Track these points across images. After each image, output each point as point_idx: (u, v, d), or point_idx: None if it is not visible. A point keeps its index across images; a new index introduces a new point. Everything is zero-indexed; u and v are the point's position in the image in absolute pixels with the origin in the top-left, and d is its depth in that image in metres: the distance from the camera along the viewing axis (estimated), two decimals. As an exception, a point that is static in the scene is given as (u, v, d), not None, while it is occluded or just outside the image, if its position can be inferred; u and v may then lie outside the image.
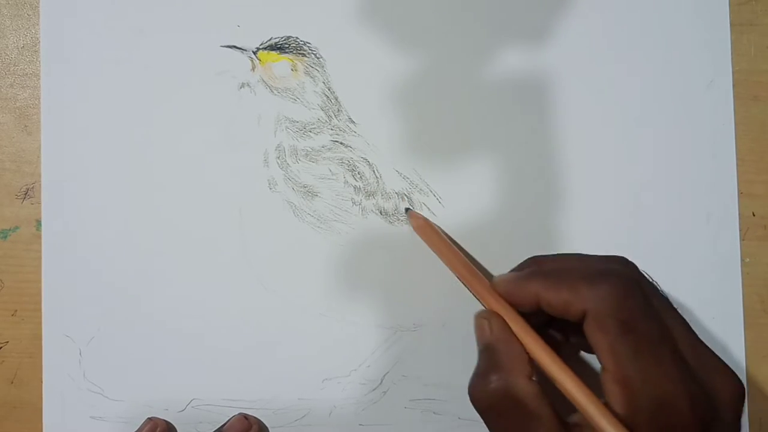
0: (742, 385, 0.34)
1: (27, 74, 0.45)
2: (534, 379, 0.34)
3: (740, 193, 0.45)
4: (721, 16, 0.46)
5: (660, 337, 0.33)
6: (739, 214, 0.45)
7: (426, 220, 0.43)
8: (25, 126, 0.45)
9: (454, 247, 0.42)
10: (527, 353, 0.35)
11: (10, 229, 0.45)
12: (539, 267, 0.38)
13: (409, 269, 0.44)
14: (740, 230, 0.45)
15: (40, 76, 0.45)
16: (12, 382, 0.45)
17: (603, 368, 0.33)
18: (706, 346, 0.35)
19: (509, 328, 0.36)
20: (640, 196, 0.45)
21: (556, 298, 0.34)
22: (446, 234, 0.43)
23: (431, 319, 0.44)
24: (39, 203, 0.44)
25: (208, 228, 0.44)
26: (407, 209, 0.44)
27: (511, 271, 0.39)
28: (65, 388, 0.44)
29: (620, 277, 0.34)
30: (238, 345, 0.44)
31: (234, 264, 0.44)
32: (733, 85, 0.46)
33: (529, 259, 0.39)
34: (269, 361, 0.44)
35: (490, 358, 0.35)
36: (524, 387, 0.34)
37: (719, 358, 0.34)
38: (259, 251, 0.44)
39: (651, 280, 0.36)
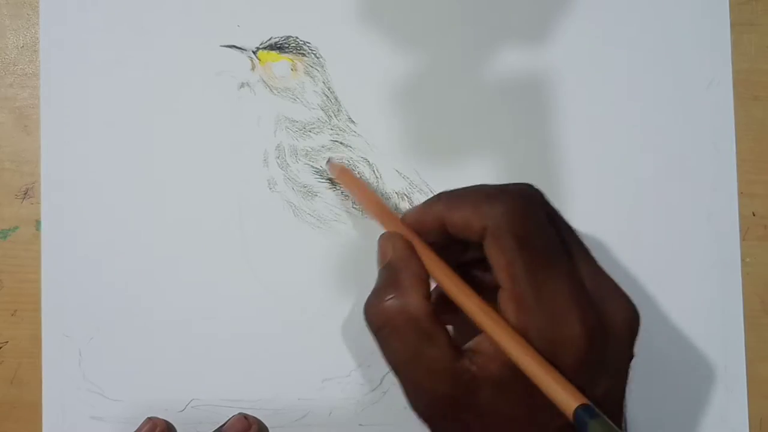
0: (635, 310, 0.34)
1: (26, 74, 0.45)
2: (431, 300, 0.34)
3: (740, 193, 0.45)
4: (722, 15, 0.46)
5: (556, 255, 0.33)
6: (740, 214, 0.45)
7: (344, 166, 0.43)
8: (25, 126, 0.45)
9: (371, 189, 0.42)
10: (426, 274, 0.35)
11: (9, 229, 0.45)
12: (445, 193, 0.37)
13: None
14: (740, 230, 0.45)
15: (39, 75, 0.45)
16: (11, 382, 0.44)
17: (500, 286, 0.33)
18: (605, 273, 0.35)
19: (410, 248, 0.36)
20: (640, 196, 0.45)
21: (457, 216, 0.34)
22: (366, 181, 0.44)
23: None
24: (38, 203, 0.44)
25: (208, 228, 0.44)
26: (328, 160, 0.44)
27: None
28: (65, 388, 0.44)
29: (519, 194, 0.34)
30: (237, 345, 0.44)
31: (234, 264, 0.44)
32: (734, 85, 0.46)
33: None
34: (269, 361, 0.44)
35: (388, 277, 0.35)
36: (419, 306, 0.33)
37: (617, 285, 0.35)
38: (259, 251, 0.44)
39: (554, 207, 0.36)
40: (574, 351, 0.31)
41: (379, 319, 0.34)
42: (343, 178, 0.43)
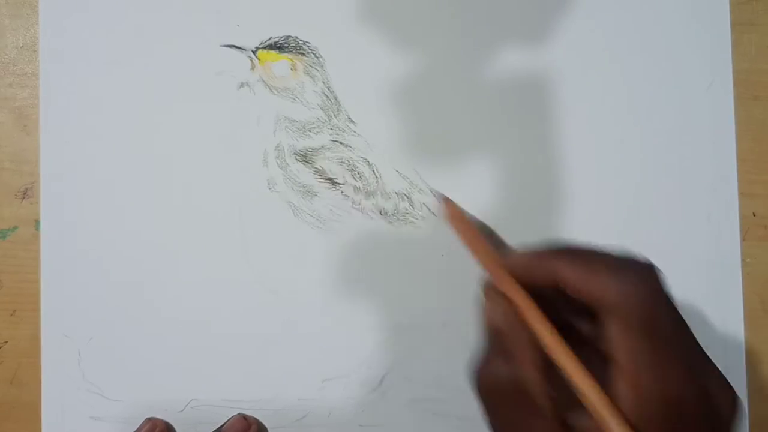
0: (736, 394, 0.33)
1: (26, 74, 0.45)
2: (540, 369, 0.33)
3: (740, 193, 0.45)
4: (722, 15, 0.45)
5: (675, 338, 0.32)
6: (740, 214, 0.45)
7: (456, 209, 0.40)
8: (24, 126, 0.45)
9: (478, 230, 0.39)
10: (535, 341, 0.33)
11: (9, 229, 0.45)
12: (564, 247, 0.35)
13: (409, 269, 0.44)
14: (741, 230, 0.45)
15: (38, 75, 0.45)
16: (11, 383, 0.44)
17: (616, 363, 0.31)
18: (704, 351, 0.34)
19: (517, 313, 0.34)
20: (641, 196, 0.45)
21: (582, 283, 0.32)
22: (470, 215, 0.40)
23: (431, 319, 0.44)
24: (38, 203, 0.44)
25: (208, 228, 0.44)
26: (442, 197, 0.42)
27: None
28: (64, 388, 0.44)
29: (648, 273, 0.33)
30: (237, 345, 0.44)
31: (234, 264, 0.44)
32: (734, 85, 0.45)
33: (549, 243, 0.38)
34: (269, 361, 0.44)
35: (497, 342, 0.34)
36: (530, 378, 0.32)
37: (714, 365, 0.34)
38: (259, 251, 0.44)
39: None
40: None
41: (489, 388, 0.33)
42: (448, 213, 0.39)
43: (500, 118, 0.45)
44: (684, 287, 0.45)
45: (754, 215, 0.45)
